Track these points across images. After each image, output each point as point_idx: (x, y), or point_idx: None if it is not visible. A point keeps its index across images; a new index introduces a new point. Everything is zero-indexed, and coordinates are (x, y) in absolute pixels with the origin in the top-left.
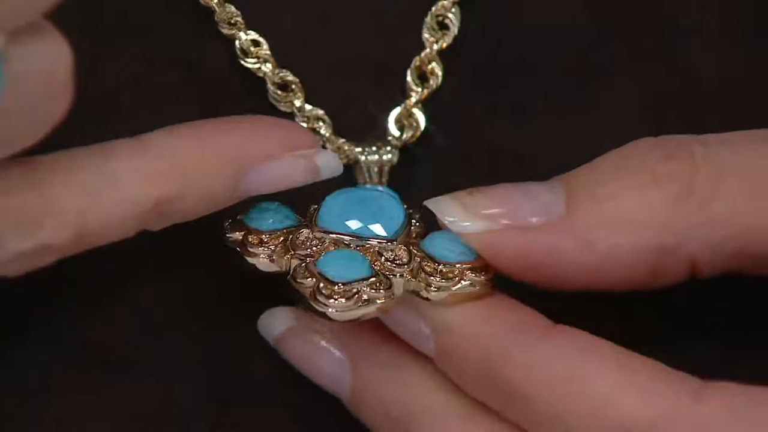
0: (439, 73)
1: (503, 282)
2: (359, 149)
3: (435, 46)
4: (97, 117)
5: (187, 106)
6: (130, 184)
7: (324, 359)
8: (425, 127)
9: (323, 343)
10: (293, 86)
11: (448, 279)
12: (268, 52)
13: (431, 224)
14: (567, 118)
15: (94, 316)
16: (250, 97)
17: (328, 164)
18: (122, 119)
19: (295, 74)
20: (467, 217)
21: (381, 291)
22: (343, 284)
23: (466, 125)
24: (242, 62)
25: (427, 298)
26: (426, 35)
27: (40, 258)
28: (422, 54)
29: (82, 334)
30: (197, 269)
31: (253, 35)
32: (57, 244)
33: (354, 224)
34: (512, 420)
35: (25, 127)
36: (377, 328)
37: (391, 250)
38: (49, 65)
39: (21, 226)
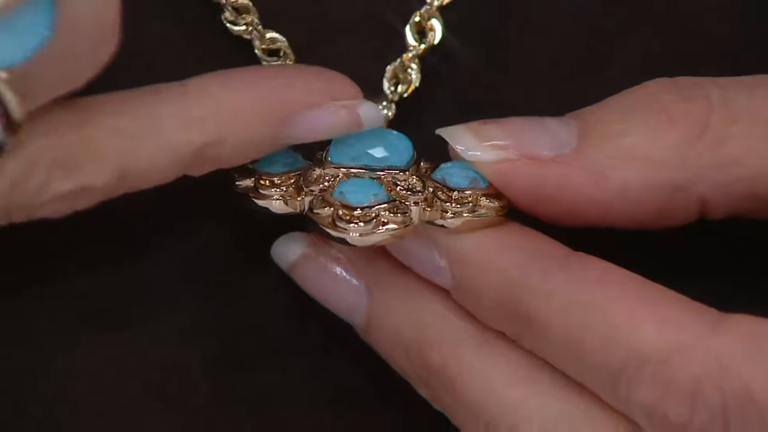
0: (439, 29)
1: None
2: None
3: (435, 3)
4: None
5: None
6: (172, 129)
7: (340, 285)
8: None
9: (339, 269)
10: (282, 51)
11: (463, 205)
12: (256, 18)
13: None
14: (574, 77)
15: (104, 271)
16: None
17: (370, 115)
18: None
19: (290, 34)
20: (479, 146)
21: (399, 215)
22: (362, 209)
23: (466, 80)
24: (229, 27)
25: (442, 226)
26: None
27: (82, 199)
28: (422, 10)
29: (91, 289)
30: (206, 222)
31: (241, 1)
32: (98, 186)
33: (365, 157)
34: (528, 347)
35: (74, 69)
36: (392, 258)
37: (405, 180)
38: (99, 8)
39: (63, 166)
